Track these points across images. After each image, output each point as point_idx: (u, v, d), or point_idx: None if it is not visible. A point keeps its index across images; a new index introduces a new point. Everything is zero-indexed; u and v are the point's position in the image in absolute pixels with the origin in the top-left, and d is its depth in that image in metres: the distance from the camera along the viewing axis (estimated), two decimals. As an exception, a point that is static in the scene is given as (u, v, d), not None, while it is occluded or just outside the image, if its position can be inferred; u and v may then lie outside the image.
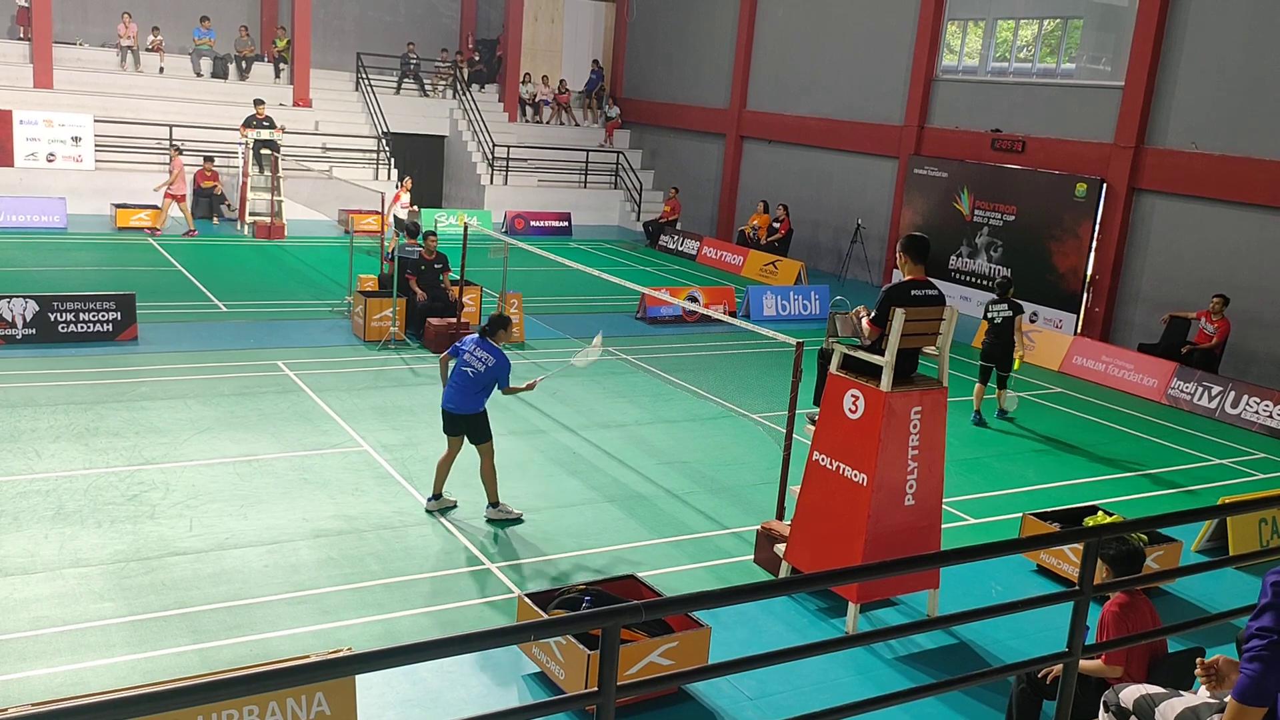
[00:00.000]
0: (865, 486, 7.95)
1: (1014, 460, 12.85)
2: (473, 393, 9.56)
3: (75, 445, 10.67)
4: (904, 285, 8.03)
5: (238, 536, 8.98)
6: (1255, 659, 3.81)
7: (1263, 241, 17.40)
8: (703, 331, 18.15)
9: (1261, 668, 3.79)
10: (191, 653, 7.24)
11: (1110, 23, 20.98)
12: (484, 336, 9.71)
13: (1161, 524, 4.64)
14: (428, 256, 16.13)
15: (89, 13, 28.39)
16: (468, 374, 9.53)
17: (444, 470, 9.84)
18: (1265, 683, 3.80)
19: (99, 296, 14.50)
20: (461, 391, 9.56)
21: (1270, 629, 3.79)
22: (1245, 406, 15.29)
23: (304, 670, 2.97)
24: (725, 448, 12.28)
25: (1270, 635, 3.78)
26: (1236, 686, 3.88)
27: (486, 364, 9.52)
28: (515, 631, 3.53)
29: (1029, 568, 9.64)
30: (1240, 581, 9.61)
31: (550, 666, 7.00)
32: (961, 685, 4.24)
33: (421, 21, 32.70)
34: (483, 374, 9.52)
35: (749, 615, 8.20)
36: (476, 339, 9.73)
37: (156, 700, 2.54)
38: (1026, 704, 6.44)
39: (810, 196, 26.28)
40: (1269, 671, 3.79)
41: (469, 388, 9.54)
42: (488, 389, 9.62)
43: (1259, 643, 3.81)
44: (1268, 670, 3.79)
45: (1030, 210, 20.84)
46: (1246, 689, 3.83)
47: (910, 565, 5.63)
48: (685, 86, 30.46)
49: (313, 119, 27.70)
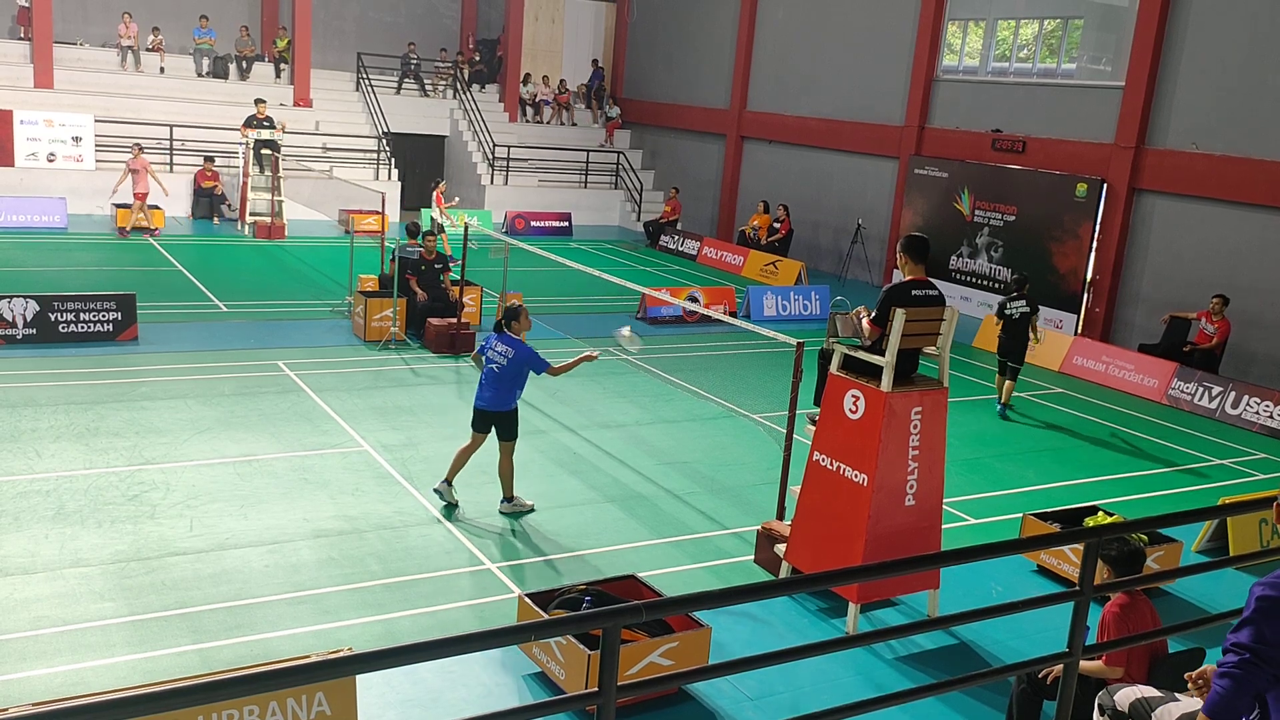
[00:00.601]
0: (866, 487, 7.95)
1: (1014, 460, 12.85)
2: (504, 389, 9.64)
3: (76, 445, 10.67)
4: (904, 285, 8.02)
5: (238, 536, 8.98)
6: (1227, 675, 3.73)
7: (1263, 242, 17.40)
8: (703, 332, 18.15)
9: (1232, 685, 3.71)
10: (192, 653, 7.24)
11: (1111, 23, 20.98)
12: (501, 330, 9.80)
13: (1162, 524, 4.64)
14: (427, 257, 16.14)
15: (89, 12, 28.39)
16: (494, 370, 9.65)
17: (462, 460, 9.92)
18: (1235, 702, 3.72)
19: (99, 296, 14.50)
20: (493, 389, 9.64)
21: (1246, 646, 3.70)
22: (1246, 407, 15.29)
23: (304, 670, 2.97)
24: (725, 448, 12.27)
25: (1244, 653, 3.70)
26: (1207, 701, 3.79)
27: (508, 357, 9.60)
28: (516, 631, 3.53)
29: (1029, 568, 9.64)
30: (1240, 582, 9.60)
31: (551, 666, 7.00)
32: (962, 685, 4.24)
33: (422, 21, 32.71)
34: (507, 368, 9.60)
35: (749, 615, 8.20)
36: (496, 335, 9.82)
37: (157, 700, 2.54)
38: (1027, 704, 6.44)
39: (811, 197, 26.28)
40: (1240, 690, 3.71)
41: (498, 384, 9.63)
42: (518, 382, 9.69)
43: (1233, 659, 3.72)
44: (1238, 689, 3.70)
45: (1031, 210, 20.84)
46: (1216, 705, 3.75)
47: (911, 565, 5.63)
48: (685, 87, 30.46)
49: (313, 119, 27.70)
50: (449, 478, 9.98)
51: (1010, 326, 14.38)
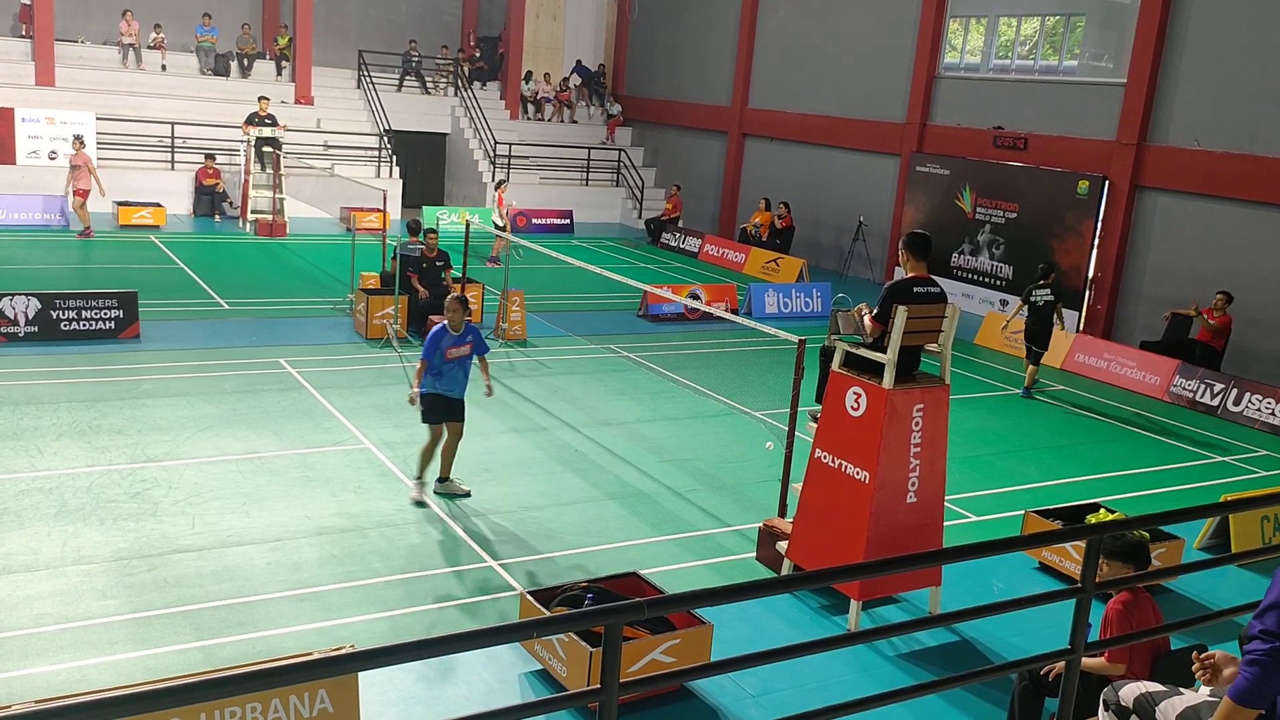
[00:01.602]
0: (867, 484, 7.95)
1: (1016, 457, 12.84)
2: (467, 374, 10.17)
3: (78, 443, 10.68)
4: (906, 283, 8.02)
5: (240, 534, 8.99)
6: (1255, 663, 3.69)
7: (1265, 239, 17.38)
8: (705, 329, 18.14)
9: (1260, 672, 3.68)
10: (194, 650, 7.25)
11: (1112, 20, 20.96)
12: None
13: (1164, 521, 4.64)
14: (429, 254, 16.13)
15: (90, 10, 28.39)
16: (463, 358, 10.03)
17: (439, 453, 10.04)
18: (1263, 688, 3.69)
19: (101, 294, 14.50)
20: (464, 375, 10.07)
21: (1274, 632, 3.67)
22: (1248, 404, 15.28)
23: (306, 668, 2.97)
24: (727, 445, 12.28)
25: (1273, 640, 3.66)
26: (1233, 687, 3.77)
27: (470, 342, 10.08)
28: (518, 629, 3.53)
29: (1031, 565, 9.64)
30: (1242, 579, 9.61)
31: (553, 664, 7.00)
32: (963, 683, 4.25)
33: (423, 19, 32.70)
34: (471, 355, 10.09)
35: (751, 613, 8.20)
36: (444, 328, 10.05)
37: (159, 698, 2.54)
38: (1028, 701, 6.43)
39: (812, 194, 26.27)
40: (1268, 677, 3.67)
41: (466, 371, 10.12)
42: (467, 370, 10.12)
43: (1261, 646, 3.69)
44: (1266, 675, 3.67)
45: (1032, 208, 20.83)
46: (1244, 691, 3.72)
47: (912, 563, 5.64)
48: (687, 84, 30.44)
49: (314, 117, 27.70)
50: (444, 475, 10.11)
51: (1036, 313, 15.30)
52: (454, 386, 9.91)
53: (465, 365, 9.99)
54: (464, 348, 9.93)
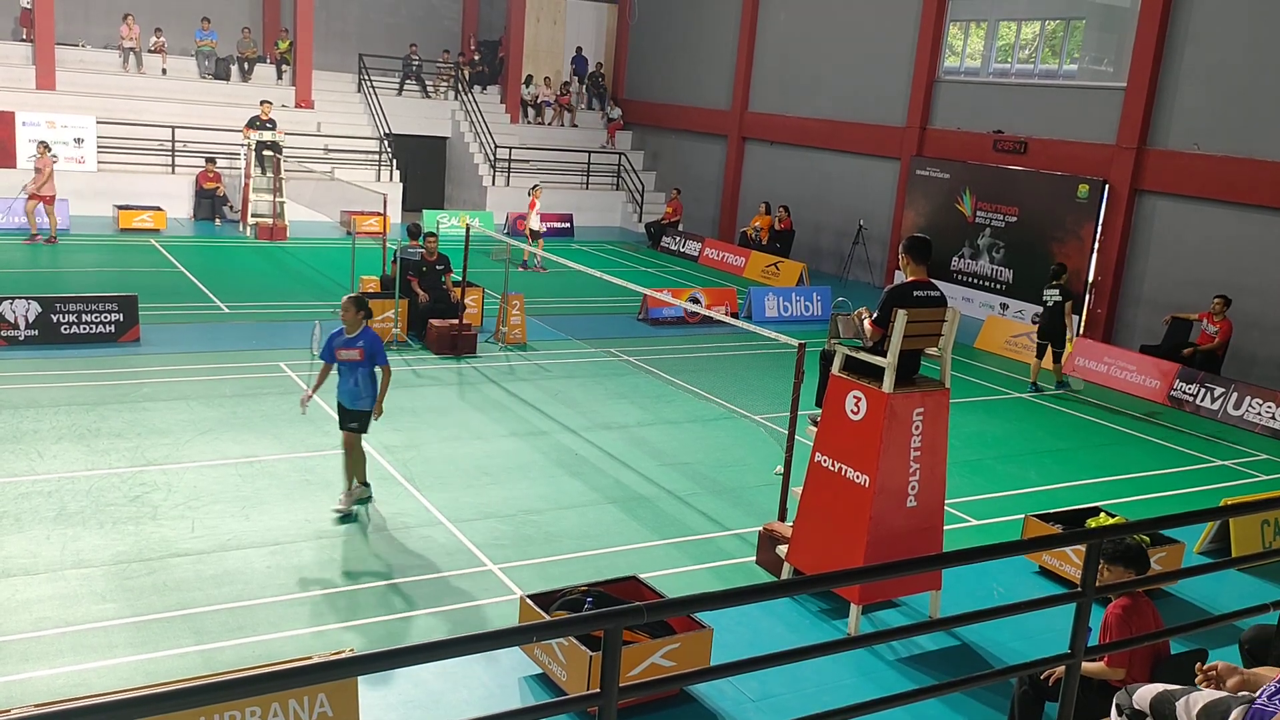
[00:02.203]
0: (867, 488, 7.95)
1: (1016, 461, 12.84)
2: None
3: (77, 446, 10.67)
4: (906, 286, 8.02)
5: (240, 537, 8.99)
6: None
7: (1265, 243, 17.39)
8: (704, 333, 18.15)
9: None
10: (194, 654, 7.24)
11: (1112, 24, 20.97)
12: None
13: (1164, 525, 4.64)
14: (429, 258, 16.14)
15: (91, 14, 28.42)
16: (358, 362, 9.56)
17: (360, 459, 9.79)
18: None
19: (101, 298, 14.50)
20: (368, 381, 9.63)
21: None
22: (1248, 408, 15.28)
23: (306, 672, 2.97)
24: (727, 449, 12.27)
25: None
26: None
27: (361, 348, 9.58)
28: (517, 633, 3.53)
29: (1031, 569, 9.63)
30: (1242, 583, 9.60)
31: (552, 668, 6.99)
32: (963, 687, 4.25)
33: (423, 23, 32.72)
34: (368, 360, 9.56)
35: (751, 617, 8.20)
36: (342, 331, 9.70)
37: (159, 701, 2.54)
38: (1028, 706, 6.43)
39: (812, 198, 26.28)
40: None
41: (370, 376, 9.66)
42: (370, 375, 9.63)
43: None
44: None
45: (1032, 211, 20.83)
46: None
47: (912, 567, 5.64)
48: (687, 88, 30.46)
49: (315, 120, 27.72)
50: (362, 480, 9.76)
51: (1047, 312, 16.27)
52: (345, 394, 9.54)
53: (358, 372, 9.47)
54: (353, 351, 9.44)
